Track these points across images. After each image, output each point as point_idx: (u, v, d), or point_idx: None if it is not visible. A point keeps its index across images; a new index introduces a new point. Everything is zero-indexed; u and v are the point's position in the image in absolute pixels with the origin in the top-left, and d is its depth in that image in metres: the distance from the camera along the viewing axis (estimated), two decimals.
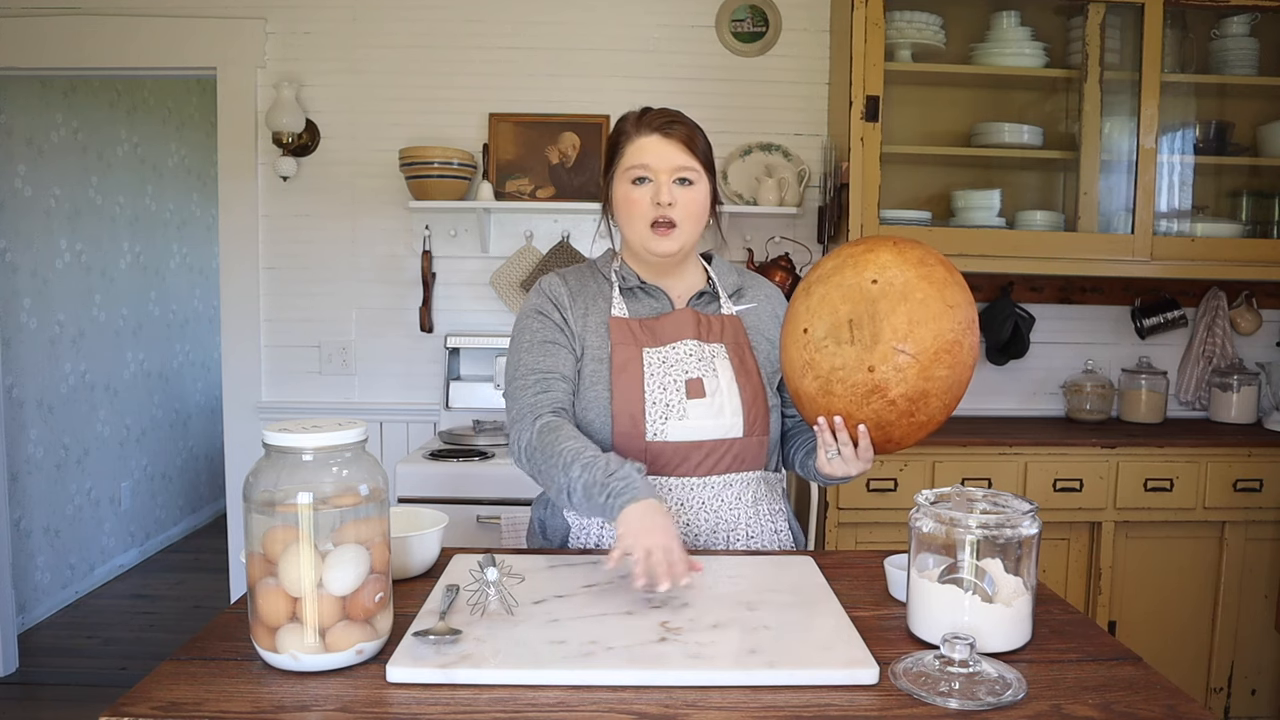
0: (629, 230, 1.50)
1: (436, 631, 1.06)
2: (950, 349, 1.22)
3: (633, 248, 1.53)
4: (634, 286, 1.54)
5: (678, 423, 1.45)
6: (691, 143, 1.47)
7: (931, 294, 1.23)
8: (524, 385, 1.46)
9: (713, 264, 1.63)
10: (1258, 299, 3.08)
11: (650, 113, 1.50)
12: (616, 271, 1.56)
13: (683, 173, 1.46)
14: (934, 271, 1.25)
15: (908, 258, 1.26)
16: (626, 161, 1.47)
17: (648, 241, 1.47)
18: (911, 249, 1.28)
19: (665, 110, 1.50)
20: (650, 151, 1.46)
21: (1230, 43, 2.83)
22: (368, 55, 3.01)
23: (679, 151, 1.46)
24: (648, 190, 1.46)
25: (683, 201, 1.46)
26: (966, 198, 2.85)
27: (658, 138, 1.46)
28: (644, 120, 1.48)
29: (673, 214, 1.45)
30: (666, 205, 1.45)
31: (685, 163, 1.46)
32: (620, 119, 1.53)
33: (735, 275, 1.63)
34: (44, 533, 3.67)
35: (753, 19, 3.02)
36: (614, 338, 1.48)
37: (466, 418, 2.95)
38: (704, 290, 1.57)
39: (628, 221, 1.49)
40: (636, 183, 1.47)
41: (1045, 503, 2.60)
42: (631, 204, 1.47)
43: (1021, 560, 1.09)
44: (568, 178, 3.02)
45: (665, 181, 1.45)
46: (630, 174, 1.47)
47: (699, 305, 1.57)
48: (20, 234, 3.52)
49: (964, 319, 1.24)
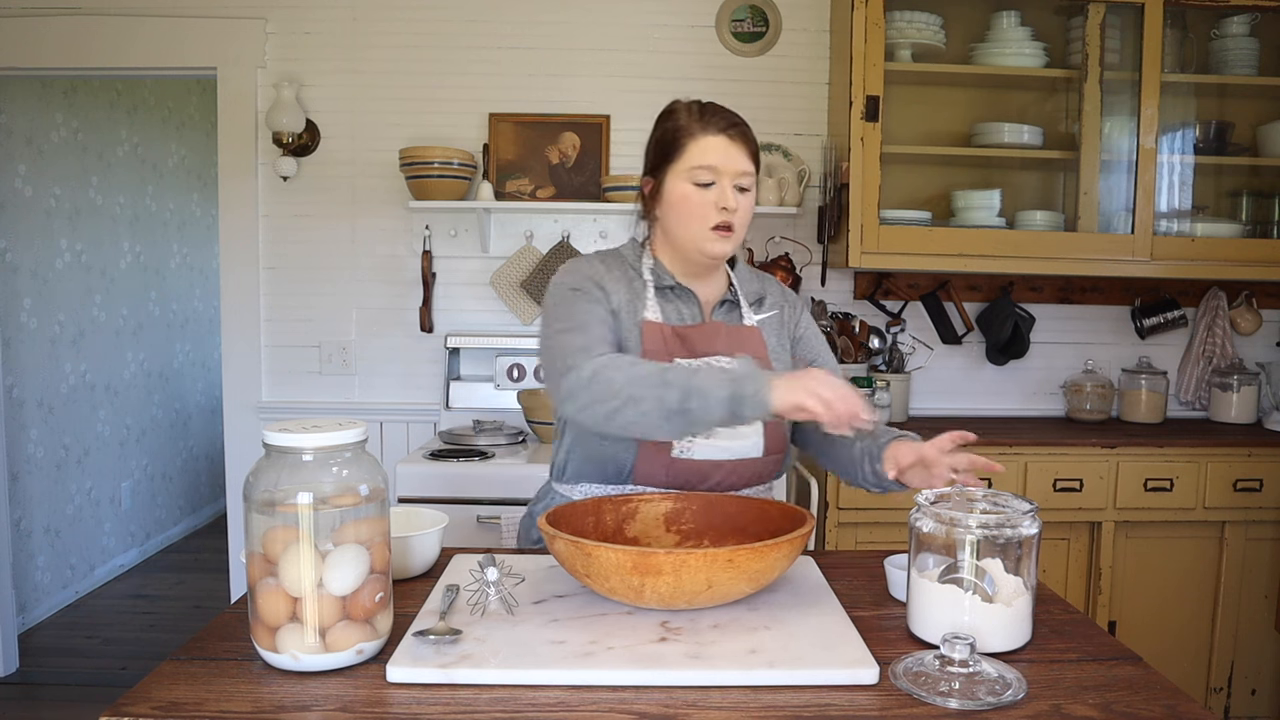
0: (683, 229, 1.45)
1: (436, 631, 1.06)
2: None
3: (680, 246, 1.48)
4: (667, 286, 1.50)
5: (704, 442, 1.43)
6: (752, 147, 1.45)
7: None
8: (568, 343, 1.37)
9: (735, 269, 1.59)
10: (1258, 299, 3.08)
11: (710, 111, 1.46)
12: (651, 269, 1.51)
13: (744, 179, 1.44)
14: None
15: None
16: (690, 160, 1.43)
17: (704, 243, 1.44)
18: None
19: (725, 110, 1.47)
20: (716, 153, 1.42)
21: (1230, 43, 2.83)
22: (368, 55, 3.01)
23: (744, 156, 1.44)
24: (711, 193, 1.42)
25: (741, 207, 1.44)
26: (966, 198, 2.85)
27: (725, 140, 1.43)
28: (708, 119, 1.45)
29: (734, 219, 1.43)
30: (733, 210, 1.42)
31: (747, 168, 1.44)
32: (670, 111, 1.49)
33: (756, 282, 1.61)
34: (44, 533, 3.67)
35: (753, 19, 3.02)
36: (646, 344, 1.44)
37: (466, 418, 2.95)
38: (726, 298, 1.55)
39: (683, 221, 1.45)
40: (700, 184, 1.43)
41: (1045, 503, 2.60)
42: (693, 205, 1.43)
43: (1021, 560, 1.09)
44: (568, 178, 3.02)
45: (729, 186, 1.42)
46: (694, 174, 1.43)
47: (723, 315, 1.54)
48: (20, 234, 3.52)
49: None
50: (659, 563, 1.07)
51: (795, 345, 1.60)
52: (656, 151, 1.50)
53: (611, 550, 1.08)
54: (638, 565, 1.07)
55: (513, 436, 2.75)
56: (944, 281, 3.06)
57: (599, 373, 1.28)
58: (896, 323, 3.05)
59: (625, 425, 1.28)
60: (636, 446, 1.42)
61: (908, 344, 3.05)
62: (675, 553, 1.07)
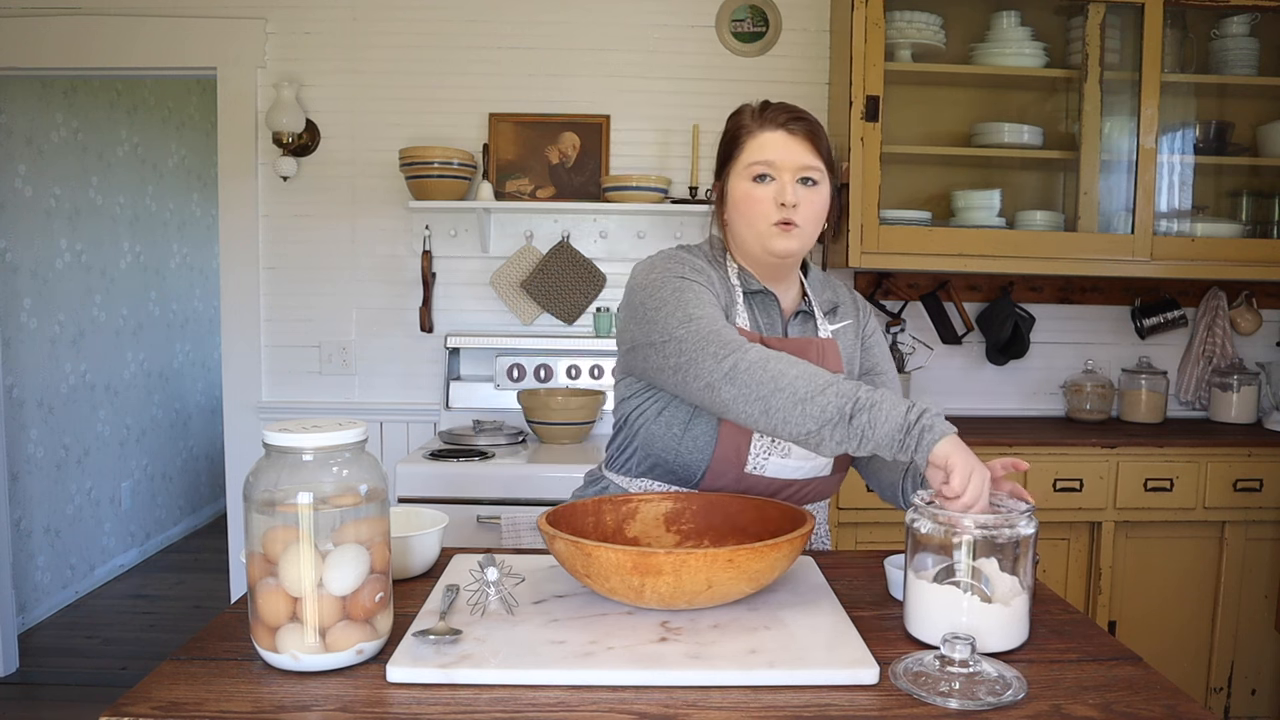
0: (747, 230, 1.41)
1: (436, 631, 1.06)
2: None
3: (748, 248, 1.44)
4: (754, 291, 1.46)
5: (779, 460, 1.40)
6: (816, 140, 1.40)
7: None
8: (708, 328, 1.29)
9: (809, 276, 1.55)
10: (1258, 299, 3.08)
11: (771, 107, 1.42)
12: (737, 274, 1.47)
13: (807, 172, 1.38)
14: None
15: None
16: (747, 158, 1.40)
17: (768, 240, 1.39)
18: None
19: (787, 105, 1.42)
20: (773, 148, 1.38)
21: (1230, 43, 2.83)
22: (368, 55, 3.01)
23: (804, 150, 1.39)
24: (770, 189, 1.38)
25: (806, 202, 1.38)
26: (966, 198, 2.85)
27: (782, 134, 1.39)
28: (765, 115, 1.41)
29: (795, 215, 1.38)
30: (791, 206, 1.37)
31: (810, 161, 1.38)
32: (736, 113, 1.45)
33: (830, 290, 1.57)
34: (44, 533, 3.67)
35: (753, 19, 3.02)
36: None
37: (466, 418, 2.95)
38: (801, 308, 1.51)
39: (746, 221, 1.41)
40: (758, 180, 1.39)
41: (1045, 503, 2.60)
42: (753, 202, 1.39)
43: (1019, 560, 1.09)
44: (568, 178, 3.02)
45: (789, 181, 1.38)
46: (751, 170, 1.39)
47: (799, 325, 1.50)
48: (20, 234, 3.52)
49: None
50: (659, 563, 1.07)
51: (861, 353, 1.57)
52: (720, 154, 1.46)
53: (611, 550, 1.08)
54: (638, 565, 1.07)
55: (513, 436, 2.75)
56: (944, 281, 3.06)
57: (768, 361, 1.23)
58: (896, 323, 3.05)
59: (777, 421, 1.22)
60: (710, 459, 1.40)
61: (908, 344, 3.05)
62: (675, 553, 1.07)
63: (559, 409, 2.74)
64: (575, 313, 3.05)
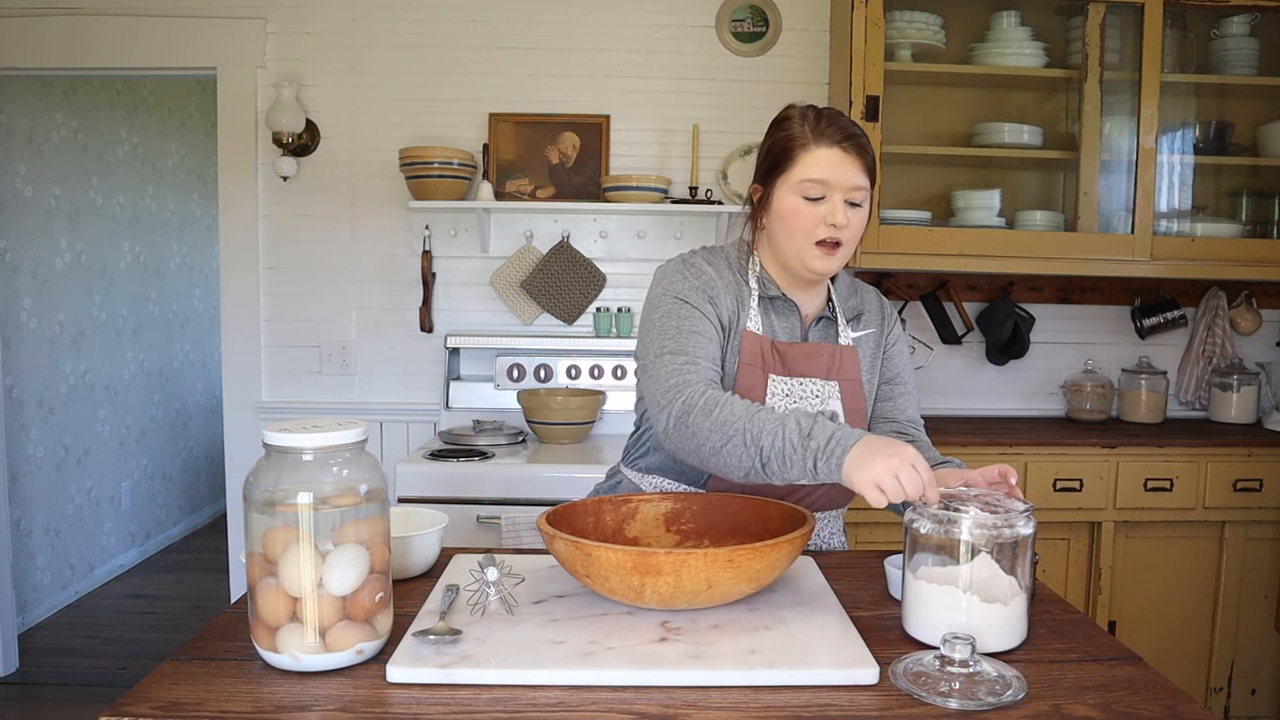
0: (788, 243, 1.41)
1: (436, 631, 1.06)
2: None
3: (785, 260, 1.44)
4: (772, 296, 1.47)
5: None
6: (868, 161, 1.39)
7: None
8: (668, 368, 1.36)
9: (834, 282, 1.55)
10: (1258, 299, 3.08)
11: (825, 120, 1.39)
12: (757, 278, 1.47)
13: (856, 194, 1.38)
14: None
15: None
16: (801, 172, 1.38)
17: (809, 259, 1.40)
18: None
19: (841, 119, 1.40)
20: (828, 167, 1.37)
21: (1230, 43, 2.83)
22: (368, 55, 3.01)
23: (857, 171, 1.38)
24: (820, 208, 1.38)
25: (852, 223, 1.39)
26: (966, 198, 2.85)
27: (839, 152, 1.37)
28: (821, 129, 1.38)
29: (842, 235, 1.38)
30: (842, 227, 1.37)
31: (860, 182, 1.38)
32: (784, 118, 1.43)
33: (855, 295, 1.56)
34: (44, 533, 3.67)
35: (753, 19, 3.02)
36: (744, 355, 1.42)
37: (466, 418, 2.95)
38: (824, 314, 1.51)
39: (789, 235, 1.40)
40: (810, 198, 1.38)
41: (1045, 503, 2.60)
42: (801, 219, 1.39)
43: (1017, 560, 1.09)
44: (568, 178, 3.02)
45: (840, 201, 1.37)
46: (804, 187, 1.38)
47: (820, 331, 1.51)
48: (20, 234, 3.52)
49: None
50: (659, 563, 1.07)
51: (883, 361, 1.57)
52: (767, 160, 1.44)
53: (611, 550, 1.08)
54: (638, 565, 1.07)
55: (513, 436, 2.75)
56: (944, 281, 3.06)
57: (688, 417, 1.28)
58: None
59: (713, 468, 1.29)
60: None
61: (908, 344, 3.05)
62: (675, 553, 1.07)
63: (559, 409, 2.74)
64: (575, 313, 3.05)
